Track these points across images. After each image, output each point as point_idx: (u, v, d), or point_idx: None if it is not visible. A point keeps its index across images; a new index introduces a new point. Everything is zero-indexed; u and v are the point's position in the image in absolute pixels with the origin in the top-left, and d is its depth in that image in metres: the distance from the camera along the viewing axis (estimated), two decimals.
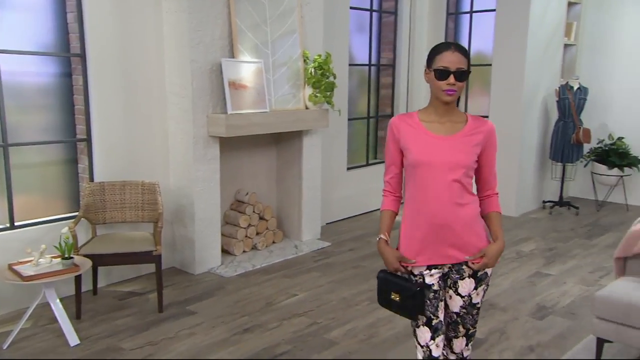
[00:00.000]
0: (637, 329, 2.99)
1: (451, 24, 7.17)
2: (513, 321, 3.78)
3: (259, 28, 4.83)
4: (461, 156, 2.12)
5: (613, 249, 5.33)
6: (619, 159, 6.82)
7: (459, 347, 2.31)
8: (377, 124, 7.04)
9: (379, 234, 2.31)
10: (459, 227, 2.14)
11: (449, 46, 2.10)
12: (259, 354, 3.34)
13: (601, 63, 7.31)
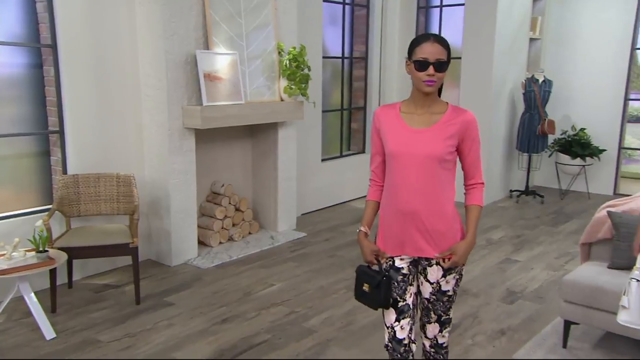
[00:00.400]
0: (602, 311, 3.07)
1: (422, 18, 7.21)
2: (485, 306, 3.85)
3: (233, 20, 4.77)
4: (434, 148, 2.11)
5: (577, 235, 5.47)
6: (581, 149, 6.99)
7: (432, 333, 2.32)
8: (351, 116, 7.04)
9: (361, 224, 2.30)
10: (429, 217, 2.14)
11: (429, 37, 2.09)
12: (238, 344, 3.32)
13: (564, 57, 7.46)
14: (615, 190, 7.33)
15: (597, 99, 7.26)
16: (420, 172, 2.12)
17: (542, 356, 3.14)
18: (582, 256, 3.55)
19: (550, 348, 3.24)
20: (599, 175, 7.32)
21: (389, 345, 2.27)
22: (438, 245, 2.17)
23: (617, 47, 7.08)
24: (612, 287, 3.01)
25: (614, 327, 3.03)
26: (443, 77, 2.12)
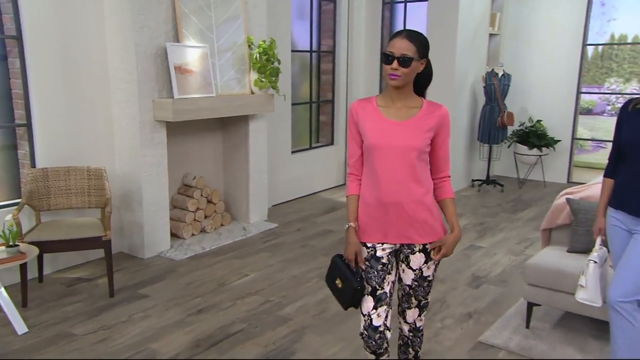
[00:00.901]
0: (562, 292, 3.17)
1: (387, 13, 7.24)
2: (452, 291, 3.92)
3: (203, 12, 4.68)
4: (413, 140, 2.12)
5: (535, 222, 5.64)
6: (537, 140, 7.17)
7: (411, 318, 2.35)
8: (319, 109, 7.04)
9: (347, 221, 2.26)
10: (411, 206, 2.15)
11: (401, 33, 2.09)
12: (215, 333, 3.30)
13: (521, 52, 7.63)
14: (569, 178, 7.57)
15: (552, 92, 7.47)
16: (401, 163, 2.13)
17: (507, 337, 3.22)
18: (543, 241, 3.66)
19: (515, 329, 3.32)
20: (554, 165, 7.54)
21: (364, 332, 2.27)
22: (422, 233, 2.19)
23: (570, 43, 7.29)
24: (572, 269, 3.12)
25: (572, 307, 3.15)
26: (410, 73, 2.09)
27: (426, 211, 2.18)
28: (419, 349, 2.43)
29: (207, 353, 3.08)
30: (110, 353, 3.07)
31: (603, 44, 9.12)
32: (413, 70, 2.09)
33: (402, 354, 2.44)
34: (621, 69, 10.55)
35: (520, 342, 3.16)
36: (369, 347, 2.27)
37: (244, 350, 3.10)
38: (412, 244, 2.22)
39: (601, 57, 10.05)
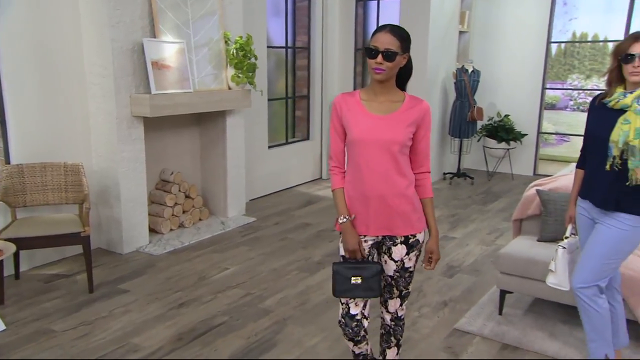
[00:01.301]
0: (533, 280, 3.24)
1: (360, 10, 7.24)
2: (427, 280, 3.97)
3: (179, 8, 4.61)
4: (396, 134, 2.12)
5: (504, 213, 5.74)
6: (505, 134, 7.30)
7: (393, 307, 2.37)
8: (295, 104, 7.02)
9: (340, 214, 2.21)
10: (394, 199, 2.16)
11: (385, 28, 2.09)
12: (197, 327, 3.27)
13: (490, 49, 7.74)
14: (535, 171, 7.73)
15: (519, 87, 7.60)
16: (384, 156, 2.13)
17: (481, 323, 3.28)
18: (514, 231, 3.73)
19: (488, 315, 3.39)
20: (521, 158, 7.68)
21: (342, 320, 2.28)
22: (404, 225, 2.20)
23: (535, 40, 7.43)
24: (542, 257, 3.19)
25: (542, 293, 3.23)
26: (394, 67, 2.09)
27: (409, 204, 2.19)
28: (400, 337, 2.45)
29: (189, 346, 3.05)
30: (92, 348, 3.01)
31: (565, 42, 9.31)
32: (397, 64, 2.10)
33: (384, 343, 2.46)
34: (582, 65, 10.81)
35: (493, 328, 3.22)
36: (347, 335, 2.29)
37: (227, 343, 3.08)
38: (394, 236, 2.23)
39: (564, 54, 10.28)
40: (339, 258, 2.31)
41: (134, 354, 2.97)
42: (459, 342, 3.10)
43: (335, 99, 2.25)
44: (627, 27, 6.94)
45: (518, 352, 2.99)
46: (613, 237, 2.52)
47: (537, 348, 3.01)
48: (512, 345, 3.05)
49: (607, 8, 8.67)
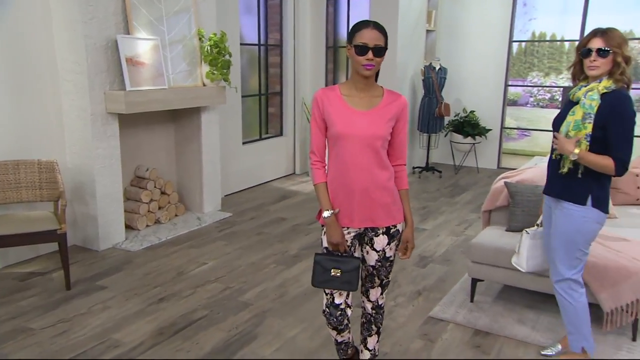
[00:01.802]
0: (502, 268, 3.31)
1: (331, 9, 7.24)
2: (402, 271, 4.01)
3: (152, 4, 4.52)
4: (378, 129, 2.14)
5: (472, 204, 5.85)
6: (471, 129, 7.43)
7: (374, 296, 2.39)
8: (268, 101, 6.97)
9: (324, 208, 2.20)
10: (377, 191, 2.18)
11: (369, 24, 2.09)
12: (177, 321, 3.22)
13: (455, 47, 7.85)
14: (499, 164, 7.90)
15: (483, 84, 7.74)
16: (366, 150, 2.14)
17: (454, 311, 3.34)
18: (484, 222, 3.81)
19: (460, 303, 3.45)
20: (486, 152, 7.83)
21: (326, 310, 2.30)
22: (386, 217, 2.23)
23: (498, 39, 7.57)
24: (510, 247, 3.24)
25: (510, 281, 3.31)
26: (381, 62, 2.12)
27: (390, 196, 2.22)
28: (380, 325, 2.48)
29: (171, 340, 3.00)
30: (72, 345, 2.94)
31: (526, 41, 9.52)
32: (382, 59, 2.12)
33: (365, 331, 2.48)
34: (541, 64, 11.08)
35: (466, 315, 3.29)
36: (331, 324, 2.31)
37: (208, 336, 3.05)
38: (376, 227, 2.24)
39: (524, 53, 10.51)
40: (315, 251, 2.33)
41: (115, 349, 2.91)
42: (434, 329, 3.15)
43: (317, 94, 2.23)
44: (582, 27, 7.14)
45: (490, 337, 3.06)
46: (564, 229, 2.56)
47: (507, 333, 3.08)
48: (483, 330, 3.12)
49: (564, 9, 8.90)
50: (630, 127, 2.40)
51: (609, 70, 2.42)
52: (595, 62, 2.42)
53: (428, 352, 2.89)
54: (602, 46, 2.39)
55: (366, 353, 2.52)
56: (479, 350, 2.91)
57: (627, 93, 2.44)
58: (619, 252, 3.08)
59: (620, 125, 2.39)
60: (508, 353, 2.89)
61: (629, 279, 2.92)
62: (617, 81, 2.42)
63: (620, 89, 2.43)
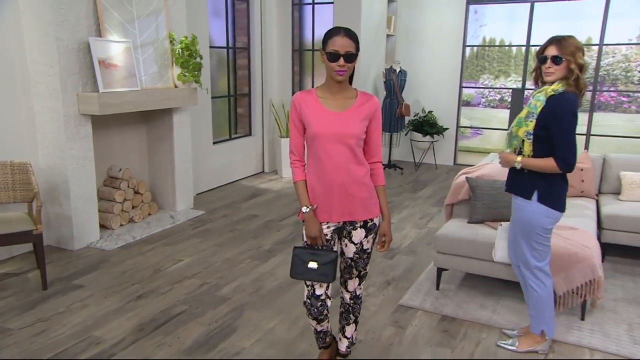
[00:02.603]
0: (464, 257, 3.41)
1: (297, 14, 7.24)
2: (371, 262, 3.97)
3: (124, 7, 4.41)
4: (352, 128, 2.18)
5: (432, 199, 5.98)
6: (430, 128, 7.59)
7: (352, 287, 2.43)
8: (237, 102, 6.92)
9: (303, 205, 2.24)
10: (353, 187, 2.22)
11: (340, 32, 2.11)
12: (157, 317, 3.18)
13: (414, 51, 8.00)
14: (455, 161, 8.10)
15: (440, 86, 7.92)
16: (342, 149, 2.18)
17: (422, 299, 3.42)
18: (447, 215, 3.91)
19: (427, 291, 3.54)
20: (443, 149, 8.02)
21: (307, 301, 2.32)
22: (363, 210, 2.26)
23: (452, 44, 7.75)
24: (472, 237, 3.37)
25: (472, 269, 3.42)
26: (353, 67, 2.16)
27: (366, 191, 2.26)
28: (358, 315, 2.52)
29: (152, 336, 2.96)
30: (52, 344, 2.86)
31: (477, 46, 9.79)
32: (354, 64, 2.16)
33: (343, 320, 2.52)
34: (492, 67, 11.41)
35: (433, 302, 3.38)
36: (311, 314, 2.33)
37: (188, 330, 3.03)
38: (354, 221, 2.28)
39: (476, 56, 10.80)
40: (288, 245, 2.36)
41: (97, 346, 2.85)
42: (404, 316, 3.22)
43: (294, 97, 2.27)
44: (529, 34, 7.40)
45: (455, 322, 3.15)
46: (517, 221, 2.67)
47: (471, 317, 3.18)
48: (450, 316, 3.21)
49: (511, 16, 9.21)
50: (570, 128, 2.45)
51: (563, 76, 2.50)
52: (550, 68, 2.49)
53: (400, 338, 2.96)
54: (556, 54, 2.47)
55: (344, 341, 2.56)
56: (446, 335, 3.00)
57: (571, 96, 2.48)
58: (569, 240, 3.23)
59: (560, 125, 2.45)
60: (472, 336, 2.99)
61: (579, 264, 3.07)
62: (568, 86, 2.50)
63: (565, 92, 2.48)
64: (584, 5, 7.46)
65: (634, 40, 7.83)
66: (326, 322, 2.42)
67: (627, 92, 10.49)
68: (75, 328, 3.03)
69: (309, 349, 2.83)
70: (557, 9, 7.85)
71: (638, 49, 10.39)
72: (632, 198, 4.29)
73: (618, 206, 4.13)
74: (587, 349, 2.86)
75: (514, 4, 7.68)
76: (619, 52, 11.59)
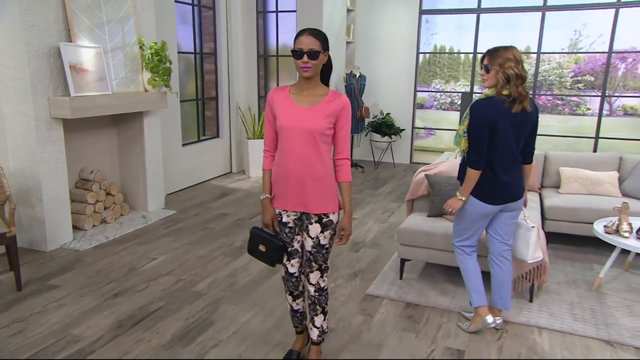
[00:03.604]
0: (424, 248, 3.51)
1: (261, 21, 7.22)
2: (338, 256, 4.13)
3: (93, 13, 4.29)
4: (316, 124, 2.18)
5: (392, 195, 6.10)
6: (388, 129, 7.73)
7: (314, 279, 2.41)
8: (204, 105, 6.84)
9: (263, 192, 2.33)
10: (309, 182, 2.23)
11: (305, 31, 2.14)
12: (135, 313, 3.12)
13: (372, 57, 8.12)
14: (411, 159, 8.28)
15: (397, 90, 8.07)
16: (304, 143, 2.20)
17: (387, 288, 3.50)
18: (407, 209, 4.00)
19: (392, 281, 3.62)
20: (400, 149, 8.18)
21: (284, 276, 2.44)
22: (317, 205, 2.25)
23: (407, 51, 7.93)
24: (432, 230, 3.47)
25: (432, 259, 3.52)
26: (318, 64, 2.16)
27: (324, 187, 2.25)
28: (325, 305, 2.51)
29: (131, 332, 2.91)
30: (30, 343, 2.76)
31: (429, 53, 10.04)
32: (320, 61, 2.17)
33: (312, 312, 2.51)
34: (442, 72, 11.72)
35: (397, 291, 3.46)
36: (288, 288, 2.46)
37: (167, 325, 2.99)
38: (310, 215, 2.28)
39: (428, 63, 11.07)
40: None
41: (76, 344, 2.77)
42: (371, 305, 3.28)
43: (269, 94, 2.32)
44: (475, 42, 7.66)
45: (418, 308, 3.24)
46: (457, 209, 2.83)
47: (432, 304, 3.28)
48: (413, 303, 3.30)
49: (459, 26, 9.48)
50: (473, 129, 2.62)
51: (494, 84, 2.66)
52: (484, 76, 2.70)
53: (368, 325, 3.02)
54: (487, 63, 2.66)
55: (315, 330, 2.57)
56: (411, 320, 3.08)
57: (488, 102, 2.61)
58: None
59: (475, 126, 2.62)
60: (434, 320, 3.08)
61: None
62: (498, 93, 2.65)
63: (488, 98, 2.63)
64: (524, 17, 7.79)
65: (565, 49, 8.23)
66: (301, 300, 2.49)
67: (560, 96, 11.02)
68: (53, 327, 2.94)
69: (284, 339, 2.85)
70: (500, 19, 8.16)
71: (569, 57, 10.91)
72: (570, 191, 4.53)
73: (558, 198, 4.35)
74: (535, 327, 3.01)
75: (461, 15, 7.92)
76: (553, 60, 12.13)
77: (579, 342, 2.87)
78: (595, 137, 7.40)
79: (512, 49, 2.64)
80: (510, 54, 2.60)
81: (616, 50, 7.22)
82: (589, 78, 11.82)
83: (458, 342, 2.85)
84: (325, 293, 2.50)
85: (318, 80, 2.26)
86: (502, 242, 2.89)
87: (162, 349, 2.74)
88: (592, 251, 4.22)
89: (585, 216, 4.12)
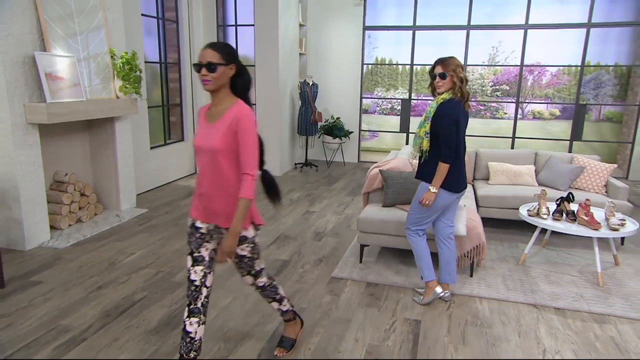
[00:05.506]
0: (380, 234, 3.68)
1: (221, 34, 7.18)
2: (303, 245, 4.23)
3: (66, 24, 4.15)
4: (214, 141, 1.96)
5: (345, 190, 6.27)
6: (338, 132, 7.91)
7: (250, 282, 2.31)
8: (170, 111, 6.71)
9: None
10: (214, 199, 2.05)
11: (206, 45, 1.96)
12: (121, 303, 3.08)
13: (322, 67, 8.27)
14: (359, 159, 8.50)
15: (345, 97, 8.27)
16: (208, 161, 2.00)
17: (349, 271, 3.64)
18: (364, 201, 4.16)
19: (353, 264, 3.76)
20: (349, 149, 8.38)
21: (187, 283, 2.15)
22: (225, 220, 2.06)
23: (353, 62, 8.14)
24: (387, 218, 3.64)
25: (387, 244, 3.70)
26: (218, 77, 1.93)
27: (230, 205, 2.01)
28: (274, 297, 2.39)
29: (119, 320, 2.88)
30: (21, 335, 2.67)
31: (372, 64, 10.33)
32: (221, 74, 1.94)
33: (265, 298, 2.42)
34: (383, 81, 12.08)
35: (359, 273, 3.61)
36: (187, 296, 2.13)
37: (152, 313, 2.98)
38: (220, 229, 2.10)
39: (371, 73, 11.38)
40: None
41: (67, 333, 2.72)
42: (337, 286, 3.41)
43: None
44: (412, 55, 8.00)
45: (378, 287, 3.41)
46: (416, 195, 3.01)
47: (389, 282, 3.46)
48: (373, 282, 3.46)
49: (397, 41, 9.83)
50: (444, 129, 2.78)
51: (450, 87, 2.86)
52: (439, 82, 2.84)
53: (336, 304, 3.15)
54: (442, 71, 2.82)
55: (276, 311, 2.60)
56: (372, 297, 3.24)
57: (454, 103, 2.80)
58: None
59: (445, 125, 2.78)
60: (393, 297, 3.26)
61: (468, 233, 3.47)
62: (454, 94, 2.86)
63: (451, 100, 2.82)
64: (452, 35, 8.22)
65: (486, 62, 8.84)
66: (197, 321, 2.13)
67: (483, 102, 11.85)
68: (42, 319, 2.85)
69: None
70: (432, 36, 8.55)
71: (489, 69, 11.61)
72: (498, 182, 4.89)
73: (488, 189, 4.69)
74: (477, 297, 3.26)
75: (399, 31, 8.25)
76: (476, 72, 12.88)
77: (512, 307, 3.14)
78: (512, 137, 7.96)
79: (455, 57, 2.84)
80: (457, 61, 2.81)
81: (526, 64, 7.81)
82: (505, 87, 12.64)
83: (415, 313, 3.04)
84: (269, 288, 2.35)
85: (226, 94, 2.00)
86: (449, 226, 3.11)
87: (150, 334, 2.74)
88: (516, 232, 4.58)
89: (511, 203, 4.48)
